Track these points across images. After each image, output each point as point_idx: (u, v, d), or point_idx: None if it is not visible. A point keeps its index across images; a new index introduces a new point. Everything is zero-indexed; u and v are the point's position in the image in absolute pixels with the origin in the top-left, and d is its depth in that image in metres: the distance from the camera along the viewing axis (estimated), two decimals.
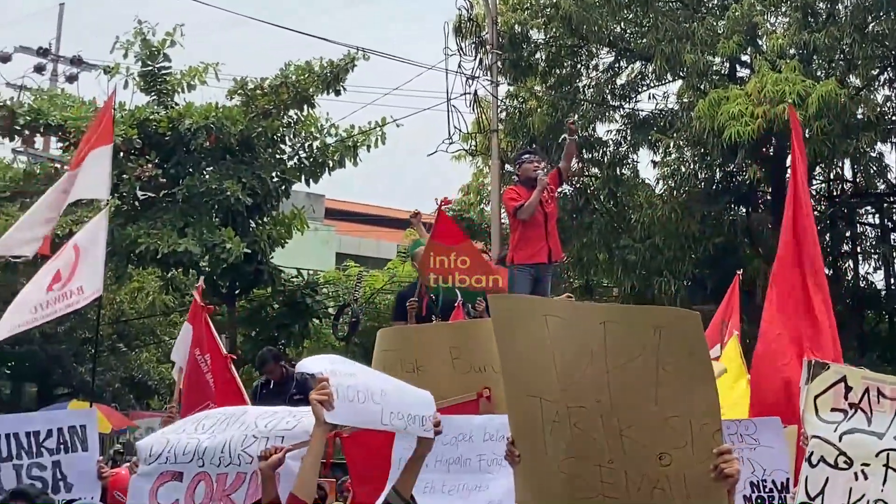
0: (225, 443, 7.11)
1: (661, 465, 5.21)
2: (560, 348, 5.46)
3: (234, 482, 7.05)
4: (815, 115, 20.36)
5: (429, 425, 5.73)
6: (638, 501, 5.32)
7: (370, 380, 5.82)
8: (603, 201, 26.19)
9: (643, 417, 5.23)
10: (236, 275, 21.83)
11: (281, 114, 22.16)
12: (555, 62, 26.01)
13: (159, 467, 7.33)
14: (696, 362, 5.18)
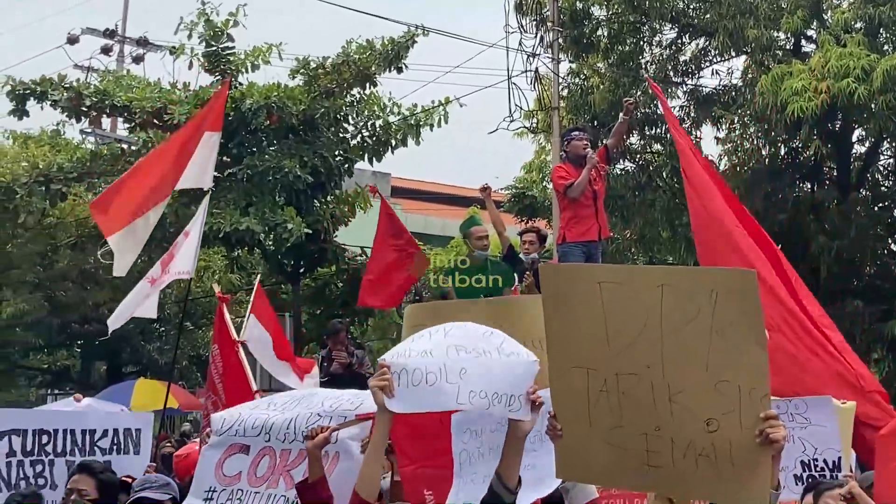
0: (291, 420, 7.19)
1: (707, 431, 5.18)
2: (614, 315, 5.41)
3: (295, 458, 7.09)
4: (881, 89, 20.07)
5: (517, 405, 5.27)
6: (682, 469, 5.30)
7: (452, 358, 5.33)
8: (666, 178, 25.94)
9: (693, 383, 5.20)
10: (300, 253, 21.91)
11: (343, 93, 22.16)
12: (616, 39, 25.79)
13: (228, 439, 7.46)
14: (750, 324, 5.10)
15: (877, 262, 24.33)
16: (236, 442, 7.40)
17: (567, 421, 5.60)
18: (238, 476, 7.26)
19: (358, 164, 23.11)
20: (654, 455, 5.34)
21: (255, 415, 7.48)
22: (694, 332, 5.18)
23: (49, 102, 22.01)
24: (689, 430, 5.23)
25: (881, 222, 25.12)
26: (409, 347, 5.35)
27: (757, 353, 5.10)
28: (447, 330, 5.42)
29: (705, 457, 5.17)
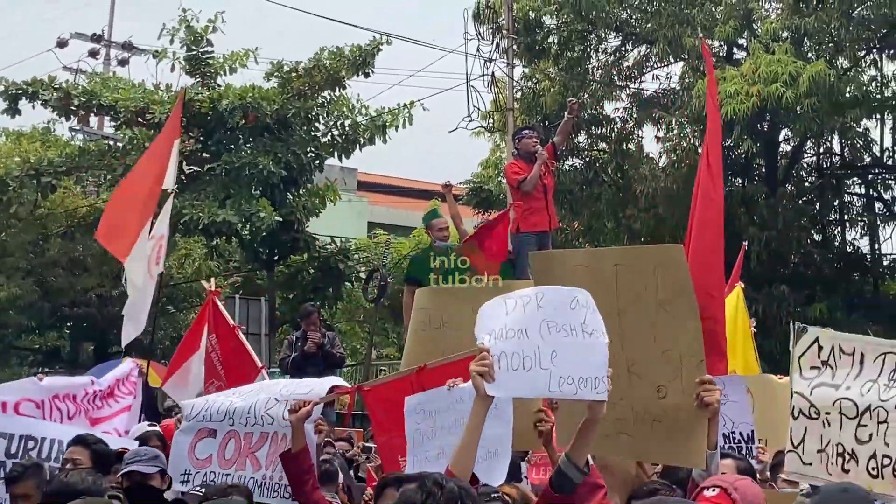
0: (251, 405, 7.27)
1: (658, 398, 5.31)
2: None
3: (258, 441, 7.17)
4: (806, 93, 20.34)
5: (602, 386, 4.84)
6: (643, 434, 5.43)
7: (545, 339, 4.88)
8: (610, 174, 26.15)
9: (645, 354, 5.32)
10: (274, 242, 21.90)
11: (315, 94, 22.14)
12: (566, 46, 25.93)
13: (197, 424, 7.53)
14: (685, 296, 5.27)
15: (801, 251, 24.54)
16: (204, 427, 7.47)
17: None
18: (209, 459, 7.33)
19: (328, 160, 23.11)
20: (619, 423, 5.44)
21: (220, 401, 7.57)
22: (644, 307, 5.31)
23: (40, 102, 21.94)
24: (645, 399, 5.33)
25: (805, 215, 25.38)
26: (505, 324, 4.87)
27: (692, 322, 5.25)
28: (539, 299, 4.90)
29: (659, 422, 5.27)
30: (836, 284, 24.17)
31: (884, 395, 5.35)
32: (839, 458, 5.42)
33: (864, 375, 5.50)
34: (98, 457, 7.36)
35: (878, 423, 5.31)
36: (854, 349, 5.58)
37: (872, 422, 5.32)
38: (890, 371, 5.41)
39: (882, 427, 5.29)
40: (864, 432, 5.36)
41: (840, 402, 5.48)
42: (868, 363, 5.52)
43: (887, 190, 27.20)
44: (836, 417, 5.46)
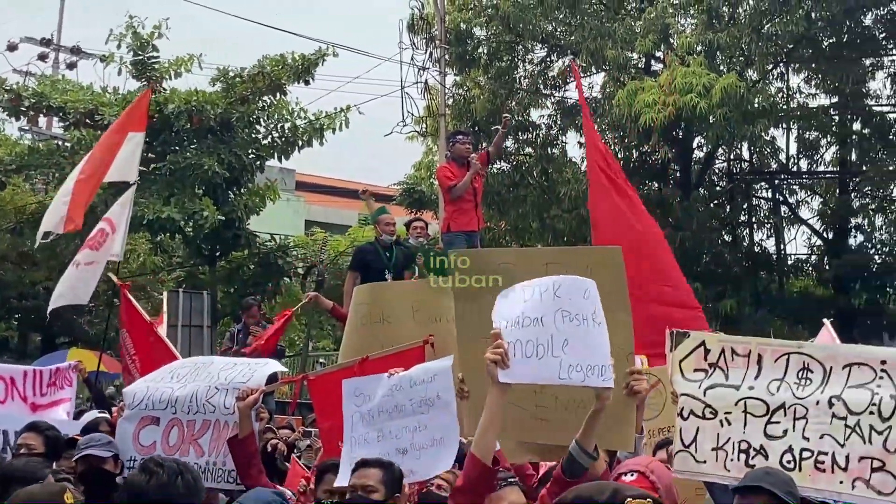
0: (193, 393, 7.20)
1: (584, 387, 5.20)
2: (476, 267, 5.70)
3: (200, 428, 7.11)
4: (718, 103, 20.57)
5: (608, 374, 4.85)
6: (565, 419, 5.43)
7: (559, 328, 4.85)
8: (536, 177, 26.19)
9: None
10: (216, 239, 21.72)
11: (257, 99, 21.98)
12: (495, 56, 26.00)
13: (140, 412, 7.43)
14: (617, 293, 5.36)
15: (713, 251, 24.82)
16: (147, 414, 7.38)
17: (473, 384, 5.67)
18: (153, 446, 7.24)
19: (268, 161, 22.96)
20: (541, 410, 5.51)
21: (161, 388, 7.45)
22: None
23: None
24: (571, 387, 5.26)
25: (717, 217, 25.71)
26: (522, 312, 4.83)
27: (623, 317, 5.34)
28: (556, 288, 4.86)
29: (585, 408, 5.22)
30: (745, 282, 24.54)
31: (799, 392, 5.36)
32: (742, 455, 5.40)
33: (766, 375, 5.49)
34: (50, 442, 7.30)
35: (795, 419, 5.33)
36: (749, 351, 5.57)
37: (787, 418, 5.34)
38: (798, 370, 5.42)
39: (801, 423, 5.31)
40: (776, 429, 5.36)
41: (745, 401, 5.45)
42: (768, 363, 5.51)
43: (792, 195, 27.68)
44: (740, 416, 5.44)
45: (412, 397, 6.13)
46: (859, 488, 5.11)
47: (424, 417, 6.06)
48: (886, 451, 5.11)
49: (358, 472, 5.65)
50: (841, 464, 5.19)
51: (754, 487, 4.73)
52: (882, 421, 5.15)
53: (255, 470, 6.44)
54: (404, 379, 6.26)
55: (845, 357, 5.41)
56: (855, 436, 5.20)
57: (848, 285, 24.54)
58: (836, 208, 26.43)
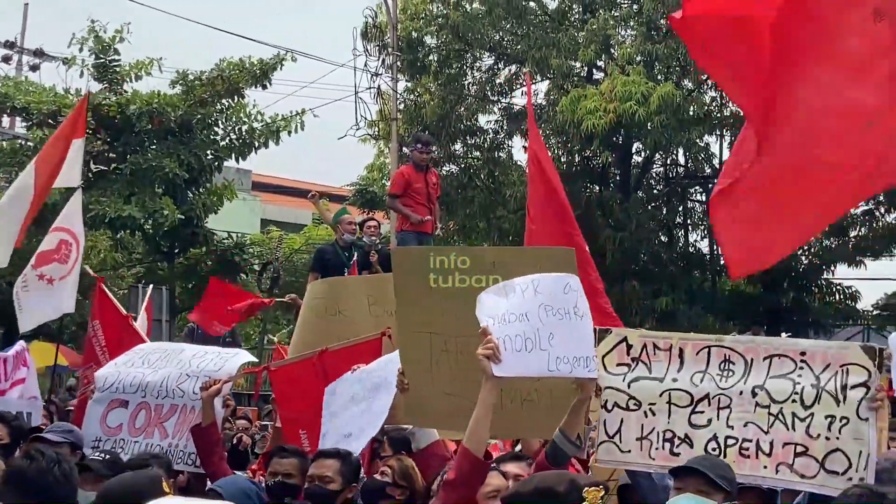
0: (163, 379, 7.19)
1: (531, 380, 5.27)
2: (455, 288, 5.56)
3: (168, 412, 7.09)
4: (656, 111, 20.72)
5: (592, 365, 4.83)
6: (510, 411, 5.42)
7: (543, 322, 4.76)
8: (483, 179, 26.23)
9: None
10: (175, 236, 21.59)
11: (215, 102, 21.84)
12: (444, 63, 25.93)
13: (110, 395, 7.43)
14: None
15: (650, 250, 24.96)
16: (116, 398, 7.37)
17: (413, 375, 5.64)
18: (119, 427, 7.23)
19: (226, 161, 22.81)
20: None
21: (132, 373, 7.44)
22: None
23: None
24: (516, 380, 5.24)
25: (654, 219, 25.84)
26: (507, 310, 4.74)
27: None
28: (536, 286, 4.80)
29: (530, 401, 5.30)
30: (680, 280, 24.61)
31: (723, 383, 5.39)
32: (667, 444, 5.42)
33: (688, 368, 5.52)
34: (14, 432, 7.25)
35: (720, 409, 5.35)
36: (671, 345, 5.58)
37: (711, 408, 5.37)
38: (720, 362, 5.45)
39: (725, 412, 5.34)
40: (700, 418, 5.40)
41: (669, 392, 5.47)
42: (689, 357, 5.54)
43: None
44: (664, 407, 5.46)
45: (365, 385, 6.21)
46: (783, 472, 5.17)
47: (370, 402, 6.13)
48: (809, 436, 5.17)
49: (316, 462, 5.66)
50: (765, 450, 5.24)
51: (690, 469, 4.73)
52: (804, 409, 5.21)
53: (217, 457, 6.41)
54: (364, 371, 6.34)
55: (766, 349, 5.46)
56: (778, 423, 5.25)
57: (776, 284, 24.71)
58: None
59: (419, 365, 5.63)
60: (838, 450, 5.11)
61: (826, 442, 5.15)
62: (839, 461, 5.07)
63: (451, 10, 25.16)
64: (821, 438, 5.17)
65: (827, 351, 5.35)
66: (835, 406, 5.17)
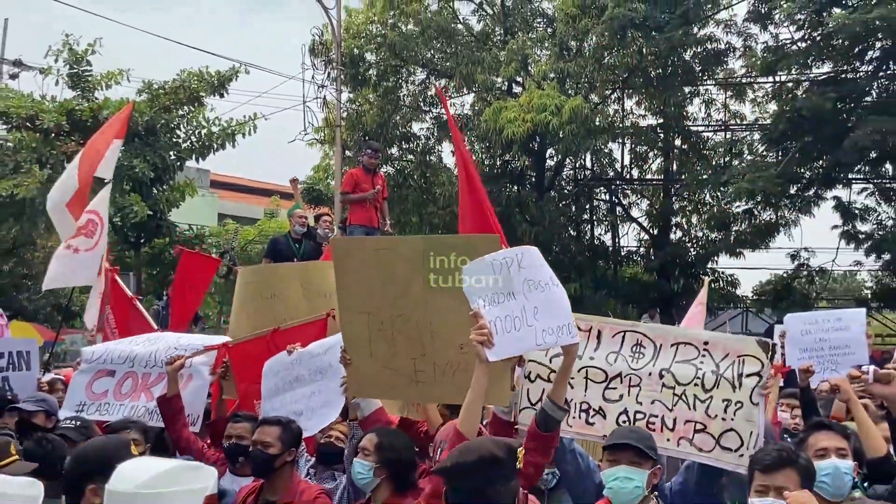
0: (154, 352, 7.12)
1: (460, 353, 5.20)
2: (388, 272, 5.43)
3: (155, 379, 7.01)
4: (567, 121, 20.93)
5: (574, 331, 4.43)
6: (442, 381, 5.39)
7: (528, 297, 4.42)
8: (416, 179, 26.35)
9: (450, 318, 5.23)
10: (141, 228, 21.28)
11: (178, 108, 21.63)
12: (382, 77, 25.98)
13: (97, 366, 7.32)
14: None
15: (561, 242, 25.22)
16: (103, 368, 7.26)
17: (354, 352, 5.63)
18: (105, 393, 7.13)
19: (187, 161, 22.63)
20: (420, 374, 5.45)
21: (119, 348, 7.37)
22: (451, 282, 5.28)
23: None
24: (447, 353, 5.32)
25: (565, 215, 26.14)
26: (495, 291, 4.45)
27: None
28: (520, 259, 4.46)
29: (462, 371, 5.18)
30: (586, 269, 24.92)
31: (634, 364, 5.38)
32: (583, 414, 5.40)
33: (604, 348, 5.48)
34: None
35: (630, 387, 5.35)
36: (591, 327, 5.52)
37: (623, 385, 5.35)
38: (632, 345, 5.43)
39: (634, 390, 5.34)
40: (613, 393, 5.38)
41: (587, 369, 5.43)
42: (606, 338, 5.49)
43: (625, 197, 28.18)
44: (581, 382, 5.41)
45: (309, 367, 6.16)
46: (683, 445, 5.19)
47: (318, 385, 6.10)
48: (707, 416, 5.18)
49: (259, 428, 5.67)
50: (669, 425, 5.24)
51: (622, 444, 4.66)
52: (704, 392, 5.21)
53: (180, 424, 6.34)
54: (304, 354, 6.28)
55: (674, 336, 5.44)
56: (681, 403, 5.25)
57: (669, 273, 25.18)
58: (660, 209, 26.97)
59: (358, 341, 5.59)
60: (732, 430, 5.12)
61: (722, 422, 5.16)
62: (733, 439, 5.08)
63: (389, 31, 25.24)
64: (717, 419, 5.17)
65: (727, 342, 5.33)
66: (731, 391, 5.17)
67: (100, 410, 7.03)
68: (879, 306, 24.42)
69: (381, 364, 5.52)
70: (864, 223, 22.95)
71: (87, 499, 3.87)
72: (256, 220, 32.81)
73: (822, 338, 7.29)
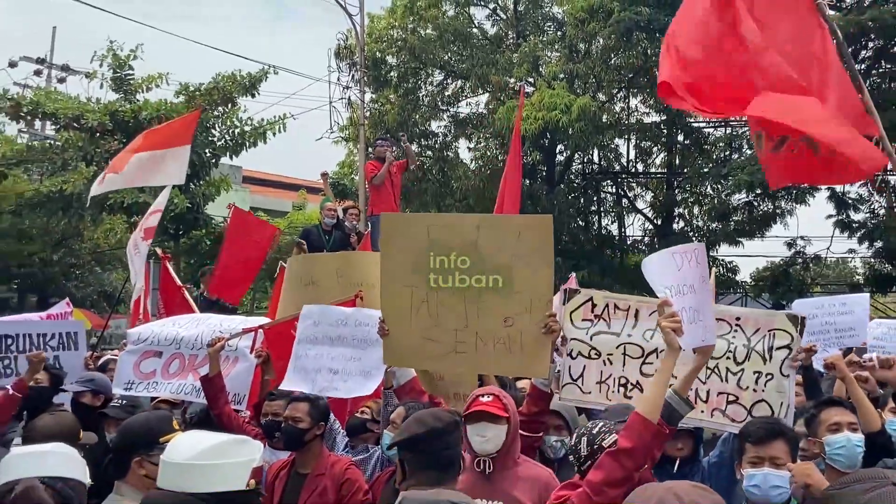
0: (199, 334, 7.13)
1: (505, 326, 5.21)
2: (438, 248, 5.38)
3: (202, 360, 6.96)
4: (576, 119, 20.85)
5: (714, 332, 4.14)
6: (483, 353, 5.34)
7: (698, 295, 4.11)
8: (435, 174, 26.29)
9: (498, 293, 5.23)
10: (180, 220, 21.40)
11: (213, 109, 21.68)
12: (403, 79, 25.96)
13: (144, 347, 7.29)
14: (544, 252, 5.18)
15: (570, 232, 25.19)
16: (150, 349, 7.23)
17: (393, 323, 5.54)
18: (153, 373, 7.11)
19: (221, 158, 22.70)
20: (461, 344, 5.37)
21: (165, 331, 7.34)
22: (500, 258, 5.23)
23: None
24: (491, 326, 5.25)
25: (573, 207, 26.08)
26: (680, 281, 4.11)
27: (547, 270, 5.19)
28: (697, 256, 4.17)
29: (502, 344, 5.19)
30: (594, 256, 24.87)
31: None
32: (621, 388, 5.37)
33: (641, 326, 5.44)
34: (54, 379, 7.18)
35: None
36: (629, 306, 5.50)
37: (658, 360, 5.26)
38: None
39: None
40: (650, 368, 5.33)
41: (625, 346, 5.41)
42: (644, 317, 5.44)
43: (630, 190, 28.16)
44: (620, 357, 5.40)
45: (354, 334, 6.10)
46: (717, 416, 5.15)
47: (360, 352, 6.06)
48: (739, 388, 5.16)
49: (291, 405, 5.66)
50: (703, 397, 5.20)
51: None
52: (736, 364, 5.19)
53: (222, 402, 6.28)
54: (350, 316, 6.24)
55: None
56: (714, 375, 5.22)
57: None
58: (663, 201, 26.91)
59: (399, 313, 5.50)
60: (763, 400, 5.10)
61: (753, 393, 5.13)
62: (763, 409, 5.04)
63: (409, 35, 25.19)
64: (749, 390, 5.14)
65: (758, 317, 5.27)
66: (762, 364, 5.14)
67: (148, 388, 7.04)
68: (871, 291, 24.22)
69: (421, 335, 5.46)
70: (857, 212, 22.73)
71: (133, 470, 3.89)
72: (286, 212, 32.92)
73: (827, 321, 7.31)
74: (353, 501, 5.36)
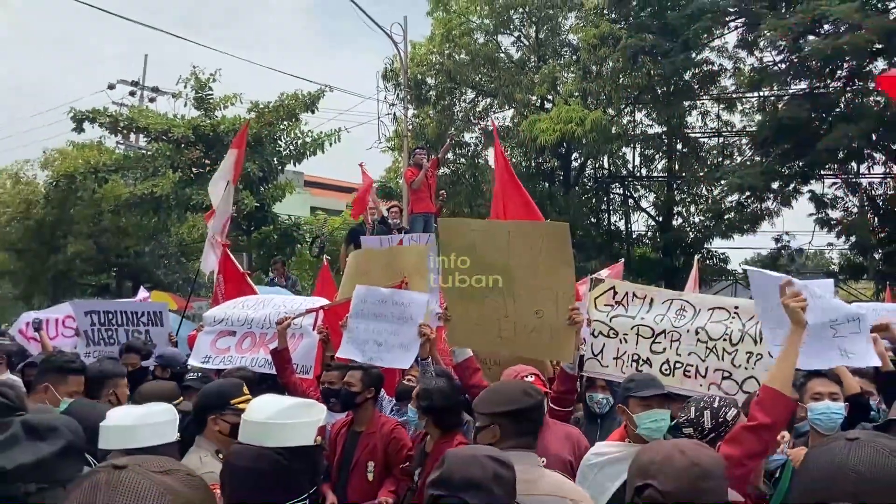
0: (267, 315, 7.11)
1: (536, 317, 5.29)
2: (482, 249, 5.45)
3: (272, 337, 6.95)
4: (589, 130, 20.76)
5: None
6: (521, 339, 5.40)
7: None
8: (467, 178, 26.27)
9: (529, 290, 5.29)
10: (251, 218, 21.65)
11: (279, 123, 21.88)
12: (440, 97, 25.91)
13: (219, 327, 7.30)
14: (563, 255, 5.27)
15: (583, 228, 25.03)
16: (225, 329, 7.25)
17: (453, 311, 5.60)
18: (228, 349, 7.13)
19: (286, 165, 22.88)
20: (504, 331, 5.45)
21: (237, 312, 7.33)
22: (529, 258, 5.29)
23: (97, 124, 21.19)
24: (525, 317, 5.32)
25: (587, 206, 26.00)
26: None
27: (566, 271, 5.28)
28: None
29: (536, 332, 5.27)
30: (604, 249, 24.77)
31: (676, 323, 5.39)
32: (634, 363, 5.41)
33: (654, 311, 5.48)
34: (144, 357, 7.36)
35: (672, 342, 5.36)
36: (646, 295, 5.56)
37: (666, 340, 5.37)
38: (677, 309, 5.44)
39: (675, 343, 5.35)
40: (658, 346, 5.39)
41: (638, 327, 5.46)
42: (657, 304, 5.50)
43: (636, 192, 27.92)
44: (633, 337, 5.44)
45: (393, 312, 6.08)
46: (713, 390, 5.14)
47: (398, 328, 6.01)
48: (733, 365, 5.19)
49: (348, 372, 5.71)
50: (702, 373, 5.25)
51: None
52: (731, 345, 5.22)
53: (289, 372, 6.28)
54: (389, 297, 6.21)
55: (711, 302, 5.48)
56: (713, 355, 5.26)
57: (672, 252, 24.93)
58: (664, 201, 26.67)
59: (457, 303, 5.58)
60: (752, 377, 5.13)
61: (745, 371, 5.16)
62: (752, 385, 5.08)
63: (446, 60, 25.14)
64: (741, 368, 5.17)
65: (752, 307, 5.15)
66: (753, 345, 5.17)
67: (223, 362, 7.06)
68: (846, 278, 23.90)
69: (473, 322, 5.52)
70: (834, 211, 22.44)
71: (209, 427, 4.04)
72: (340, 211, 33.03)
73: None
74: (399, 457, 5.41)
